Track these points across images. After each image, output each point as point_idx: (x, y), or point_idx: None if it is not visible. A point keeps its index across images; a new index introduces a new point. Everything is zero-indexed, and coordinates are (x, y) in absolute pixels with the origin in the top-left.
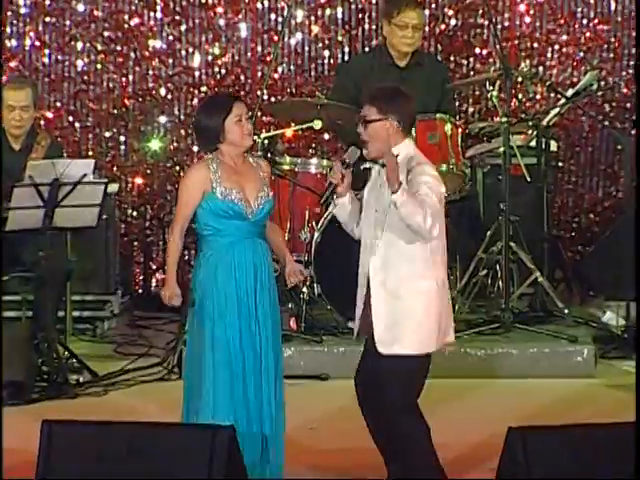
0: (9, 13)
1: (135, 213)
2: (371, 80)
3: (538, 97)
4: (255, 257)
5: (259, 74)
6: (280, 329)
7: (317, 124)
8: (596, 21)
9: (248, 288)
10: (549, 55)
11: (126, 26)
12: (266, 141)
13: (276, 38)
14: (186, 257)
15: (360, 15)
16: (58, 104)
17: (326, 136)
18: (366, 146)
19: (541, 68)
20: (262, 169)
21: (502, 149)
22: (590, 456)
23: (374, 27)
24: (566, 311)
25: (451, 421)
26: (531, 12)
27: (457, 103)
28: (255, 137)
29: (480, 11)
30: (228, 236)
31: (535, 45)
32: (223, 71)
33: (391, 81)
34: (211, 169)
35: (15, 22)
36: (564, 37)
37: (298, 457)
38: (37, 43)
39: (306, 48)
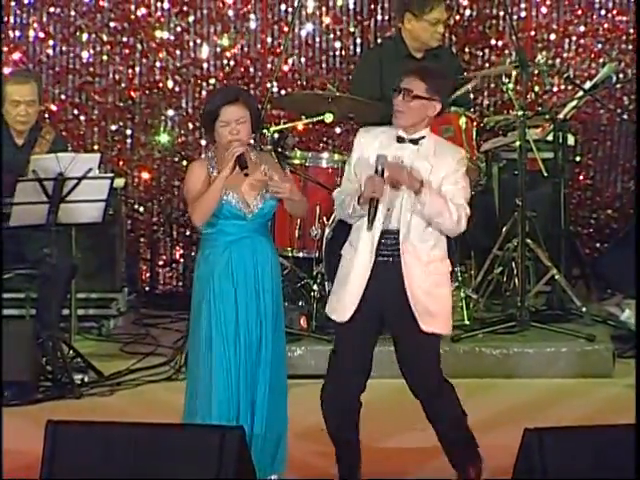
0: (12, 3)
1: (142, 209)
2: (389, 72)
3: (555, 90)
4: (255, 255)
5: (269, 66)
6: (283, 328)
7: (328, 117)
8: (614, 12)
9: (248, 287)
10: (566, 47)
11: (133, 17)
12: (276, 135)
13: (286, 29)
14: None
15: (372, 5)
16: (63, 97)
17: (337, 130)
18: (397, 115)
19: (558, 60)
20: (265, 164)
21: (518, 143)
22: (608, 457)
23: (387, 17)
24: (584, 309)
25: None
26: (548, 2)
27: (472, 96)
28: (265, 131)
29: (495, 1)
30: (227, 235)
31: (552, 36)
32: (232, 63)
33: None
34: (209, 168)
35: (19, 12)
36: (582, 28)
37: (307, 458)
38: (41, 34)
39: (317, 39)
